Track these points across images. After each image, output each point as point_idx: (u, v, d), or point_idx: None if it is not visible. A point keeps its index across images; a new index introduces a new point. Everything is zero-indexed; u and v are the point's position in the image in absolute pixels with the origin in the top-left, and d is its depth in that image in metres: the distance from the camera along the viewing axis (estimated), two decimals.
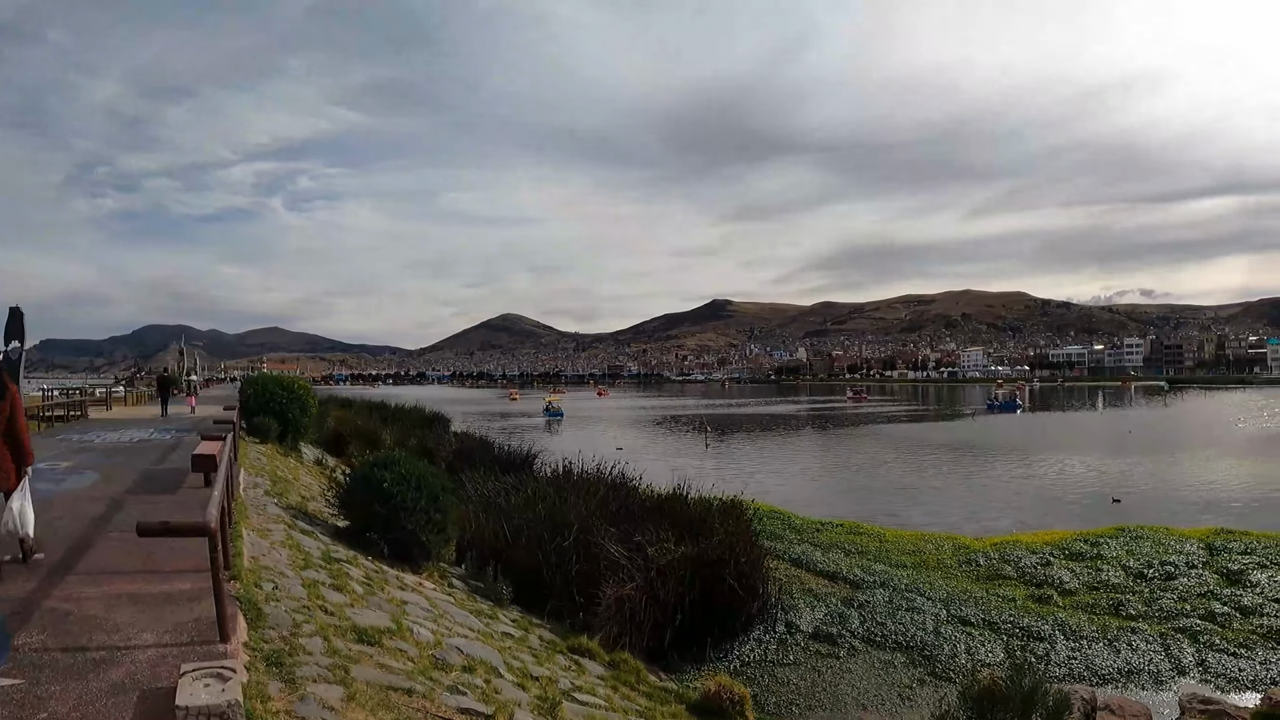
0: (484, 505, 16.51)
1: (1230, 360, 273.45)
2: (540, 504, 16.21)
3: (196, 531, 5.72)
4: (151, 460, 15.44)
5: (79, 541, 8.23)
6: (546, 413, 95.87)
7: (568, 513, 14.71)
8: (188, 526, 5.81)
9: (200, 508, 6.40)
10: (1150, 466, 41.82)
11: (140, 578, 6.80)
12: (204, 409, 35.12)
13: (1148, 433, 64.98)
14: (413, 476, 11.47)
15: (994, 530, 24.42)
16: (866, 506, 30.29)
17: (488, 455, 30.89)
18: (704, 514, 16.70)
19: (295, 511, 12.26)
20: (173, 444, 19.28)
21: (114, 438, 21.20)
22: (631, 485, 19.51)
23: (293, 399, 22.74)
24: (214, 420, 20.29)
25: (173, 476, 13.10)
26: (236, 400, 42.62)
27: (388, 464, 11.69)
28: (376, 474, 11.37)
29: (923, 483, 37.73)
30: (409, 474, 11.47)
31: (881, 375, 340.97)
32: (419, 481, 11.47)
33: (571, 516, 14.48)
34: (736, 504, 17.51)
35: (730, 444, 58.67)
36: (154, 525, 5.83)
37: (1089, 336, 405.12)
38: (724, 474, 35.22)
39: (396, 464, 11.68)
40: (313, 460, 23.03)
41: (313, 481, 17.70)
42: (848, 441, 59.62)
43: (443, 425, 47.19)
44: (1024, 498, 32.75)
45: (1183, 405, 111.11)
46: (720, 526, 15.71)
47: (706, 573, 14.17)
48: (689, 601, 13.75)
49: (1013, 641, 14.16)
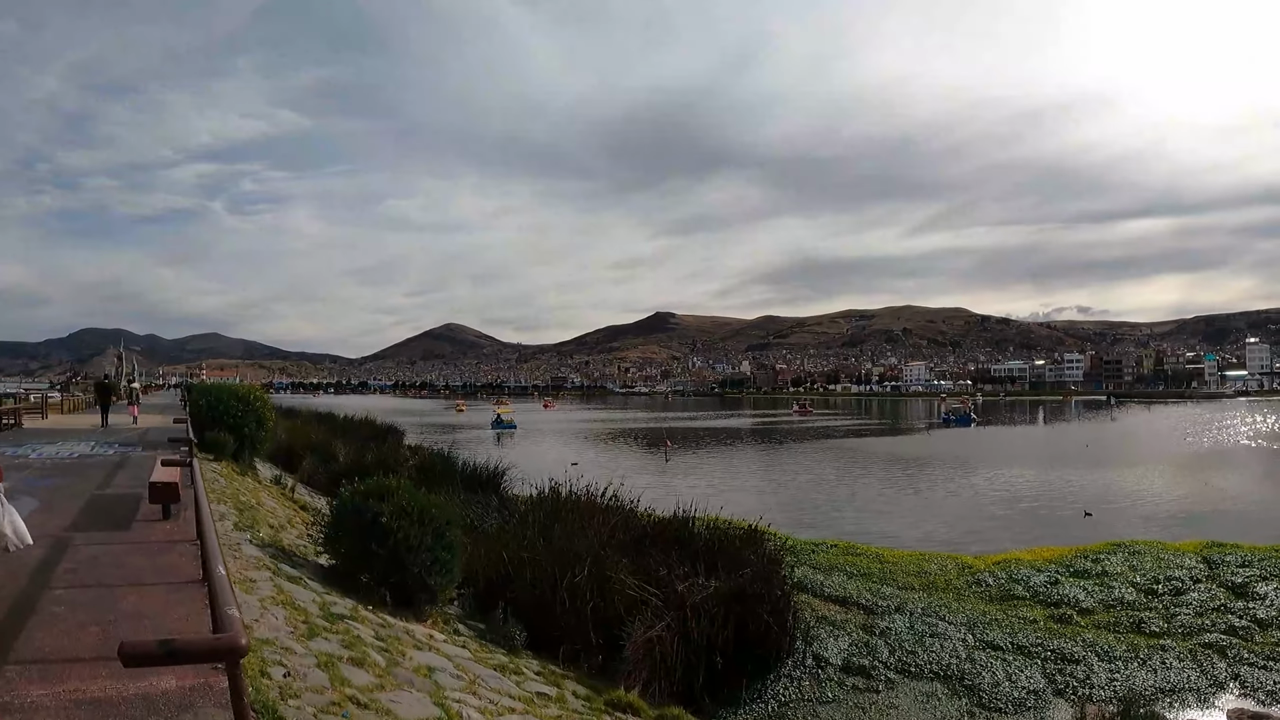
0: (467, 531, 14.90)
1: (1169, 375, 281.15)
2: (533, 530, 14.72)
3: (217, 655, 3.76)
4: (96, 483, 13.49)
5: (19, 603, 6.39)
6: (497, 425, 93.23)
7: (576, 542, 13.20)
8: (202, 649, 3.68)
9: (162, 547, 4.64)
10: (1114, 480, 42.18)
11: (104, 667, 4.97)
12: (146, 418, 32.81)
13: (1103, 447, 65.56)
14: (415, 509, 9.83)
15: (980, 547, 24.20)
16: (848, 524, 29.67)
17: (450, 472, 29.12)
18: (722, 542, 15.42)
19: (273, 550, 10.48)
20: (118, 461, 17.26)
21: (52, 452, 19.06)
22: (629, 509, 17.97)
23: (249, 412, 20.75)
24: (169, 439, 18.32)
25: (124, 505, 11.22)
26: (180, 408, 40.26)
27: (384, 494, 10.01)
28: (371, 506, 9.69)
29: (897, 498, 37.17)
30: (411, 506, 9.82)
31: (825, 389, 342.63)
32: (422, 515, 9.83)
33: (581, 547, 12.97)
34: (756, 531, 16.10)
35: (688, 458, 57.36)
36: (148, 649, 3.47)
37: (1028, 352, 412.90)
38: (692, 491, 33.73)
39: (394, 494, 10.01)
40: (270, 479, 21.07)
41: (277, 506, 15.87)
42: (809, 456, 58.59)
43: (396, 438, 45.25)
44: (999, 512, 32.57)
45: (1130, 420, 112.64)
46: (752, 557, 14.54)
47: (739, 609, 12.87)
48: (722, 640, 12.44)
49: (1049, 665, 13.77)
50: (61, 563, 7.77)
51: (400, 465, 31.30)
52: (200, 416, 20.48)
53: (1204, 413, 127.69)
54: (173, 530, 9.54)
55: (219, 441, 18.96)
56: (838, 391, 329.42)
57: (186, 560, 7.88)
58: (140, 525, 9.81)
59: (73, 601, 6.38)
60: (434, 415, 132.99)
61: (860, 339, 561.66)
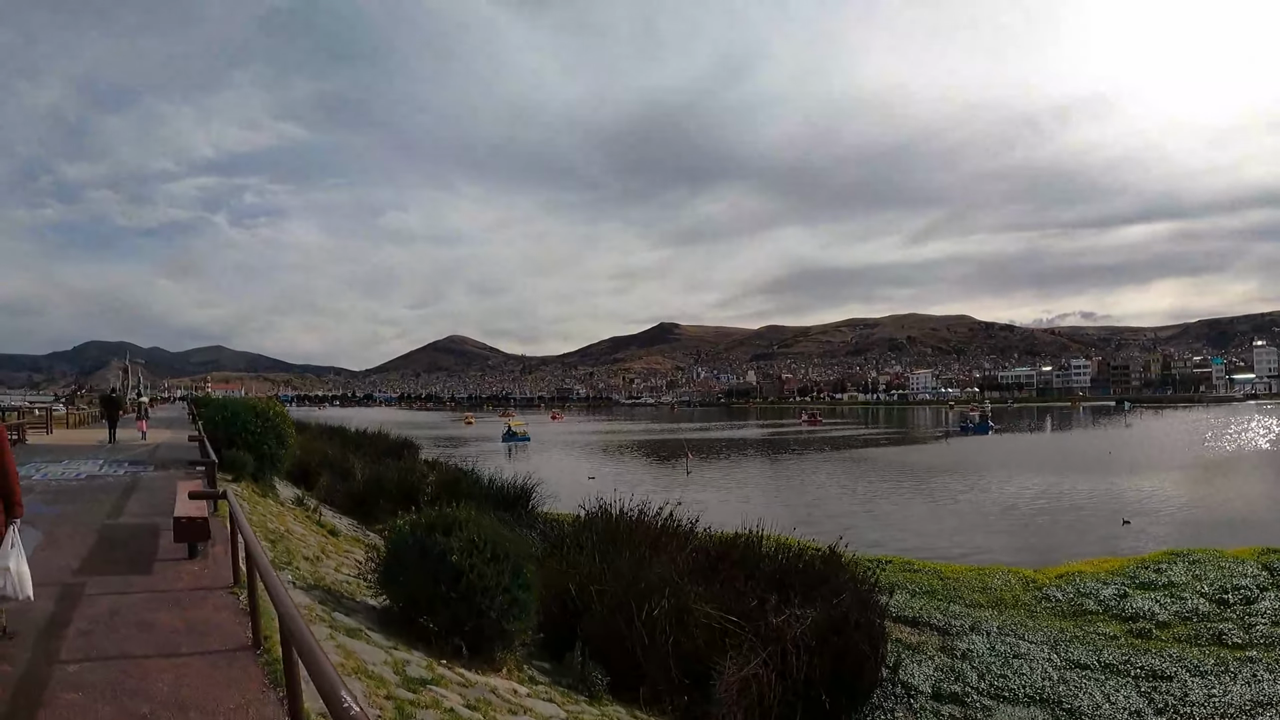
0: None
1: (1176, 380, 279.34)
2: (588, 555, 13.28)
3: None
4: (107, 510, 12.03)
5: (24, 687, 4.85)
6: (509, 438, 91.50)
7: (648, 570, 11.77)
8: None
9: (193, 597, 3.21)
10: (1144, 486, 40.94)
11: None
12: (154, 433, 31.41)
13: (1126, 453, 63.94)
14: (487, 543, 8.34)
15: (1030, 558, 23.63)
16: (892, 539, 28.22)
17: (476, 489, 27.65)
18: (800, 565, 14.09)
19: (320, 592, 8.99)
20: (129, 483, 15.81)
21: (58, 473, 17.60)
22: (687, 529, 16.49)
23: (268, 428, 19.31)
24: (184, 460, 16.87)
25: (141, 540, 9.75)
26: (188, 422, 38.70)
27: (449, 526, 8.53)
28: (437, 542, 8.21)
29: (936, 510, 35.79)
30: (482, 540, 8.34)
31: (832, 398, 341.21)
32: (496, 549, 8.35)
33: (654, 575, 11.54)
34: (835, 553, 14.66)
35: (708, 470, 55.73)
36: None
37: (1032, 358, 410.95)
38: (723, 505, 32.52)
39: (462, 526, 8.53)
40: (292, 500, 19.59)
41: (306, 533, 14.37)
42: (833, 467, 57.02)
43: (412, 453, 43.78)
44: (1040, 522, 31.55)
45: (1145, 425, 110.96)
46: (846, 580, 13.26)
47: (837, 640, 11.45)
48: (820, 675, 11.05)
49: (1142, 684, 13.13)
50: (73, 621, 6.28)
51: (421, 482, 29.90)
52: (216, 433, 19.04)
53: (1217, 417, 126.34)
54: (202, 573, 8.08)
55: (238, 461, 17.50)
56: (844, 400, 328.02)
57: (228, 616, 6.41)
58: (163, 566, 8.31)
59: (92, 684, 4.86)
60: (443, 428, 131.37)
61: (864, 347, 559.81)
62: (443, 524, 8.55)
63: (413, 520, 8.89)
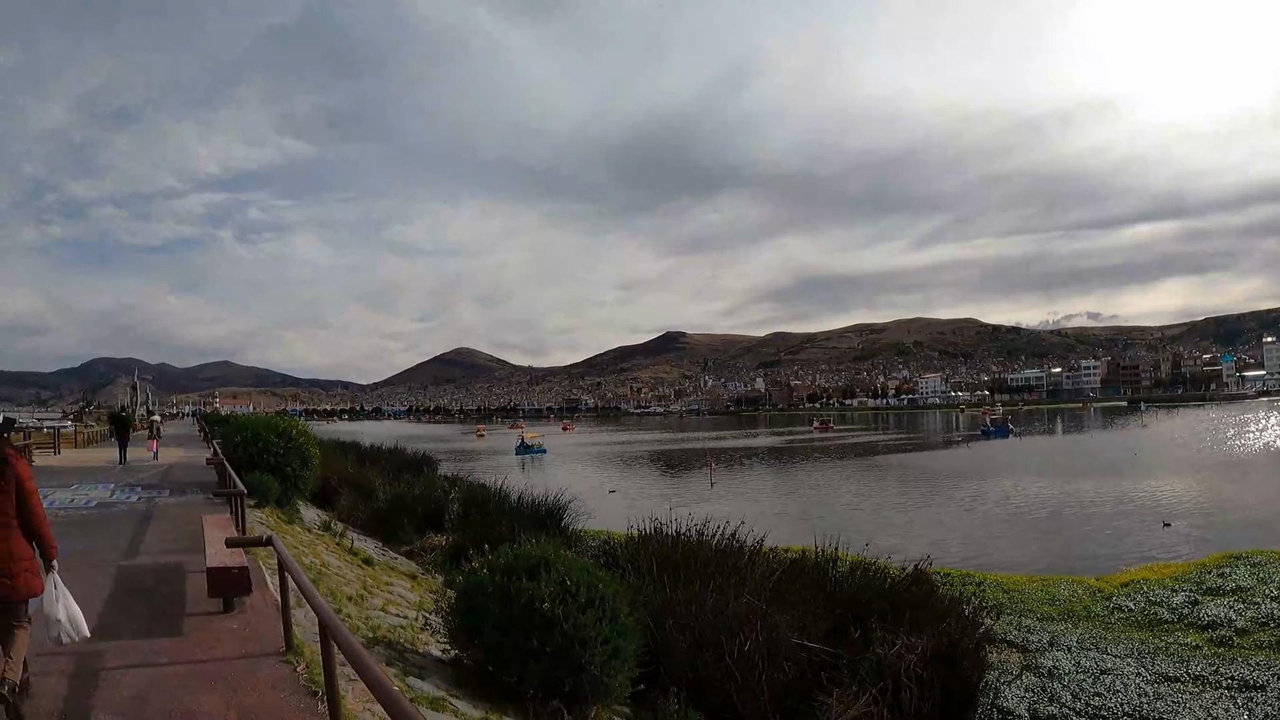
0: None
1: (1187, 378, 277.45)
2: (650, 581, 11.98)
3: None
4: (123, 547, 10.69)
5: None
6: (522, 450, 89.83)
7: (729, 598, 10.53)
8: None
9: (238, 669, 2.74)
10: (1177, 487, 39.99)
11: None
12: (166, 453, 30.21)
13: (1152, 454, 62.81)
14: (580, 587, 6.97)
15: (1082, 565, 23.09)
16: (941, 549, 26.39)
17: (504, 507, 26.29)
18: (881, 587, 12.89)
19: (383, 647, 7.61)
20: (144, 511, 14.51)
21: (66, 499, 16.32)
22: (752, 549, 15.13)
23: (291, 449, 18.00)
24: (203, 487, 15.54)
25: (166, 586, 8.39)
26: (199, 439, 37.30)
27: (533, 567, 7.15)
28: (524, 588, 6.84)
29: (975, 518, 34.34)
30: (575, 583, 6.97)
31: (841, 404, 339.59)
32: (591, 594, 6.98)
33: (740, 604, 10.33)
34: (922, 573, 13.38)
35: (732, 480, 54.21)
36: None
37: (1040, 360, 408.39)
38: (759, 518, 31.01)
39: (549, 566, 7.16)
40: (318, 524, 18.26)
41: (343, 565, 13.00)
42: (860, 474, 55.50)
43: (431, 468, 42.48)
44: (1084, 529, 30.22)
45: (1164, 425, 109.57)
46: (946, 605, 12.47)
47: (945, 670, 10.28)
48: (928, 708, 9.93)
49: (1237, 696, 12.45)
50: (94, 708, 4.92)
51: (446, 501, 28.52)
52: (235, 455, 17.69)
53: (1233, 415, 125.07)
54: (244, 633, 6.70)
55: (261, 485, 16.17)
56: (854, 406, 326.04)
57: (288, 699, 5.03)
58: (195, 624, 6.91)
59: None
60: (454, 441, 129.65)
61: (871, 353, 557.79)
62: (526, 565, 7.16)
63: (490, 562, 7.50)
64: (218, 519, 9.43)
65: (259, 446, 17.60)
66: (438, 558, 20.49)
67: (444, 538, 23.69)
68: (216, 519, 9.42)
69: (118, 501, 16.14)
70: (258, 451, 17.49)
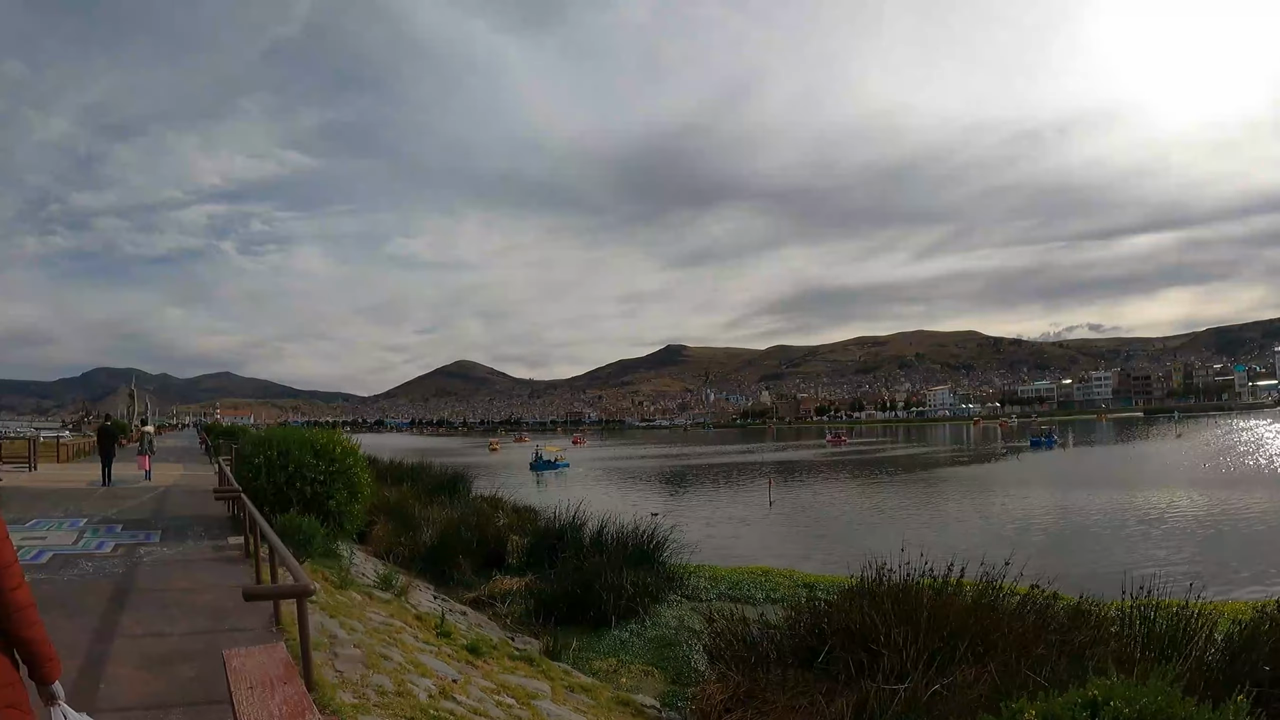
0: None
1: (1200, 389, 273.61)
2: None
3: None
4: (80, 657, 5.50)
5: None
6: (541, 465, 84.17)
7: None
8: None
9: None
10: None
11: None
12: (162, 470, 25.10)
13: (1226, 463, 59.48)
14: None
15: (1257, 587, 20.53)
16: (1096, 572, 22.30)
17: (577, 538, 21.21)
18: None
19: None
20: (121, 573, 9.46)
21: (17, 543, 11.04)
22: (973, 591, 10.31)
23: (336, 474, 12.81)
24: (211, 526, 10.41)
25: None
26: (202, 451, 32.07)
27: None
28: None
29: (1104, 534, 30.98)
30: None
31: (850, 416, 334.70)
32: None
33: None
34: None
35: (792, 498, 48.73)
36: None
37: (1041, 372, 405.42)
38: (848, 545, 26.53)
39: None
40: (375, 579, 12.97)
41: (428, 654, 7.76)
42: (930, 489, 50.47)
43: (465, 488, 37.27)
44: (1237, 546, 27.29)
45: (1208, 434, 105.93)
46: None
47: None
48: None
49: None
50: None
51: (505, 532, 23.35)
52: (257, 483, 12.46)
53: (1266, 424, 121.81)
54: None
55: (302, 530, 10.92)
56: (862, 419, 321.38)
57: None
58: None
59: None
60: (467, 454, 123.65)
61: (873, 365, 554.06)
62: None
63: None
64: (251, 655, 4.26)
65: (291, 471, 12.41)
66: (515, 610, 15.64)
67: (514, 580, 18.75)
68: (249, 655, 4.25)
69: (83, 554, 10.92)
70: (288, 478, 12.32)
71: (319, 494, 12.26)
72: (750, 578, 20.93)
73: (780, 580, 20.87)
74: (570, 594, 15.58)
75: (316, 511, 12.02)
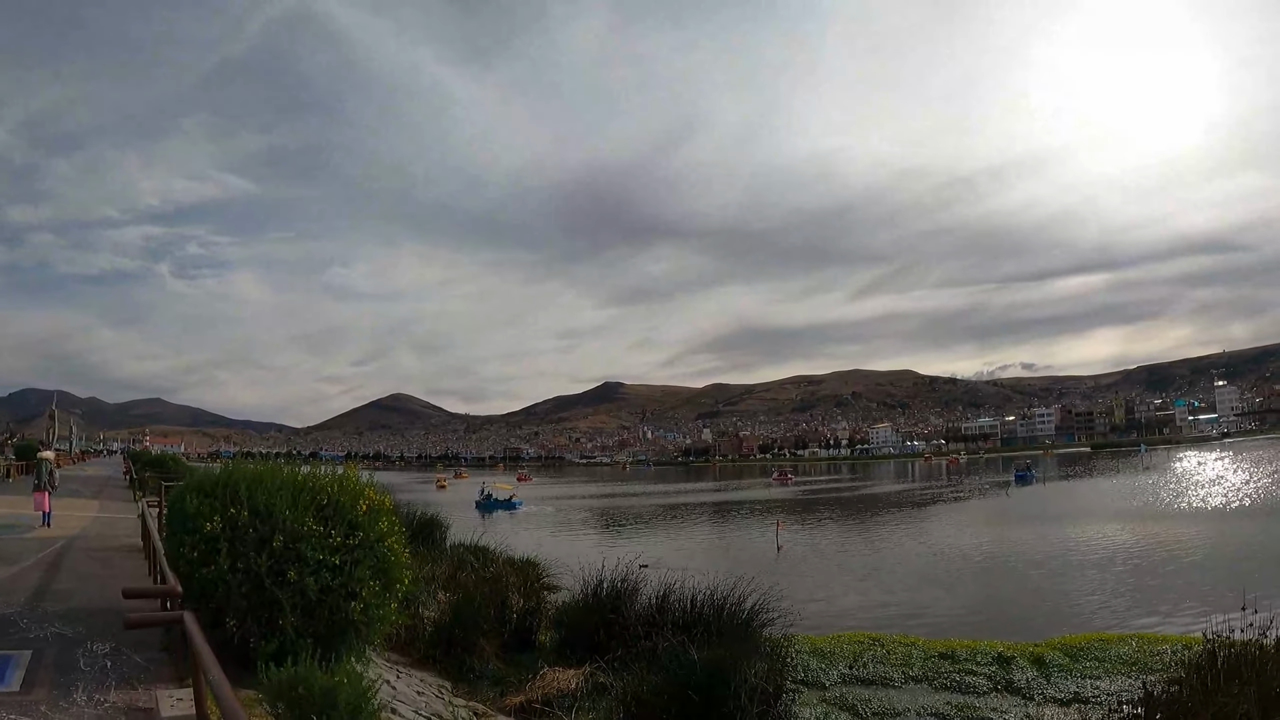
0: None
1: (1142, 423, 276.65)
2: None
3: None
4: None
5: None
6: (489, 505, 77.01)
7: None
8: None
9: None
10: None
11: None
12: (68, 510, 18.99)
13: (1223, 495, 58.29)
14: None
15: None
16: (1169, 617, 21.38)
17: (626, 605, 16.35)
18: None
19: None
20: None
21: None
22: None
23: (361, 551, 7.15)
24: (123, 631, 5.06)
25: None
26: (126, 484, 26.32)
27: None
28: None
29: (1128, 571, 29.39)
30: None
31: (794, 454, 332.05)
32: None
33: None
34: None
35: (797, 544, 43.35)
36: None
37: (976, 410, 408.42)
38: (895, 602, 23.69)
39: None
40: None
41: None
42: (938, 529, 45.44)
43: (442, 535, 31.65)
44: (1244, 571, 26.14)
45: (1180, 466, 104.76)
46: None
47: None
48: None
49: None
50: None
51: (527, 600, 17.70)
52: (216, 570, 6.74)
53: (1224, 456, 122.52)
54: None
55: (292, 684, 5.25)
56: (806, 456, 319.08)
57: None
58: None
59: None
60: (413, 491, 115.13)
61: (810, 404, 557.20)
62: None
63: None
64: None
65: (279, 549, 6.75)
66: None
67: (568, 673, 13.80)
68: None
69: None
70: (273, 563, 6.66)
71: (332, 590, 6.61)
72: (861, 648, 17.11)
73: (902, 650, 17.01)
74: (677, 694, 10.73)
75: (326, 622, 6.42)
